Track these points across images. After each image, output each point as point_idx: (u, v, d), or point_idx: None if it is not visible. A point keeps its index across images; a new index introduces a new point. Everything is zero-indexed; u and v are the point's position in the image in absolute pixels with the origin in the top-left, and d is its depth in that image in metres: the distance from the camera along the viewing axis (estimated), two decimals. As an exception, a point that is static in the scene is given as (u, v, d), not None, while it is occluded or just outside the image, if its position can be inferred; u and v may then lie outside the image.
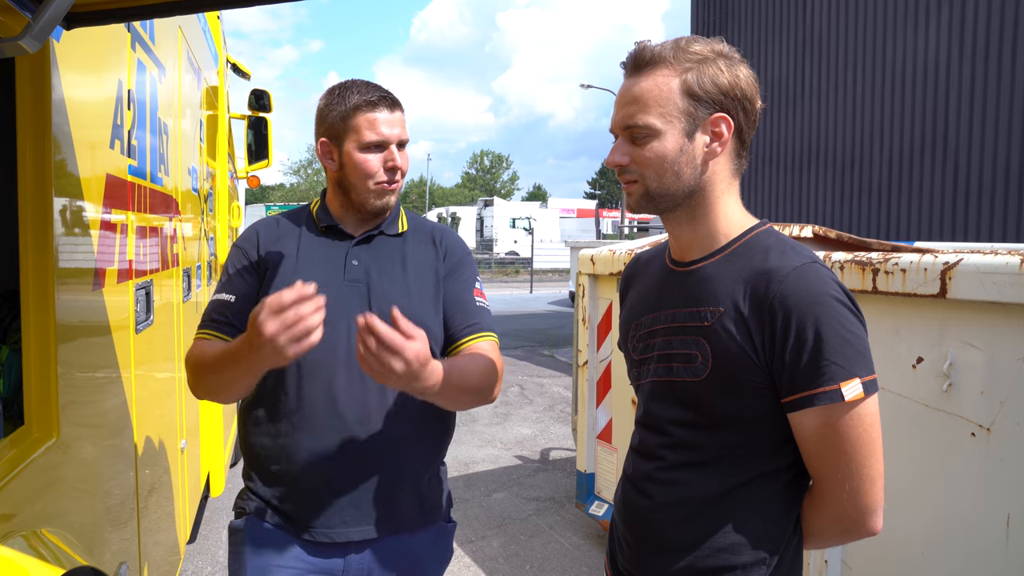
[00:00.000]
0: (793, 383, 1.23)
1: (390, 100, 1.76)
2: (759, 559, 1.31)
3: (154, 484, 2.54)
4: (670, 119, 1.29)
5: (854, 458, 1.23)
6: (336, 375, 1.69)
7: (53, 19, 1.27)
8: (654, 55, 1.30)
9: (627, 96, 1.32)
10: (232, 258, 1.80)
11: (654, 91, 1.29)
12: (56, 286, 1.58)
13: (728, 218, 1.36)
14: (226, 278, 1.78)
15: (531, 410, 8.13)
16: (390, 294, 1.74)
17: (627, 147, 1.33)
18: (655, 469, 1.39)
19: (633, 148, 1.32)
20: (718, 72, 1.28)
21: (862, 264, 2.64)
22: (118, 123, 2.08)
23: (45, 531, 1.47)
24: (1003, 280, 2.17)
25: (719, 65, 1.29)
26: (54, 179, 1.56)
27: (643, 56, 1.31)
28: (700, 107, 1.29)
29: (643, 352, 1.44)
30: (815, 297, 1.22)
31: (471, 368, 1.67)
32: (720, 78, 1.28)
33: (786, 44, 13.35)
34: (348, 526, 1.72)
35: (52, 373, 1.57)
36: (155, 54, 2.65)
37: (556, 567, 4.29)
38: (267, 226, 1.85)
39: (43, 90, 1.54)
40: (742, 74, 1.30)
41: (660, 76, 1.29)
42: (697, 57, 1.29)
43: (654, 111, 1.29)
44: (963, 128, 10.26)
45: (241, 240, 1.83)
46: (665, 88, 1.28)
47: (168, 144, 2.95)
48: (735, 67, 1.30)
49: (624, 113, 1.32)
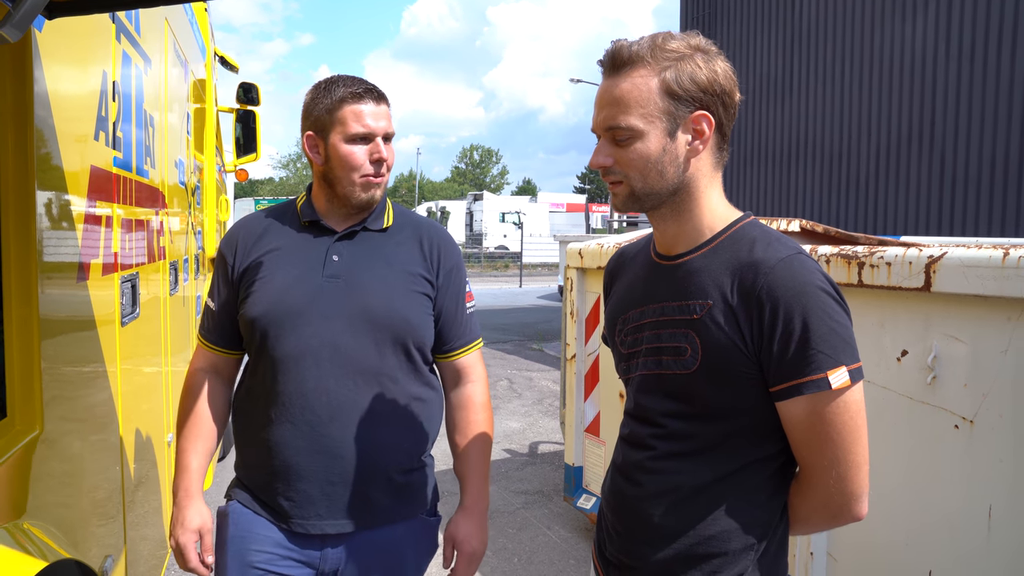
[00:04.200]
0: (781, 372, 1.25)
1: (376, 93, 1.78)
2: (747, 545, 1.33)
3: (140, 478, 2.53)
4: (651, 119, 1.29)
5: (841, 445, 1.26)
6: (311, 370, 1.72)
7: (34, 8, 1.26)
8: (632, 54, 1.30)
9: (607, 97, 1.32)
10: (216, 262, 1.89)
11: (634, 92, 1.29)
12: (39, 278, 1.57)
13: (712, 211, 1.37)
14: (213, 281, 1.89)
15: (520, 404, 8.15)
16: (370, 290, 1.76)
17: (610, 148, 1.34)
18: (646, 458, 1.41)
19: (616, 149, 1.33)
20: (696, 69, 1.29)
21: (848, 258, 2.65)
22: (103, 115, 2.07)
23: (28, 524, 1.47)
24: (986, 273, 2.19)
25: (696, 61, 1.29)
26: (37, 171, 1.55)
27: (621, 55, 1.31)
28: (680, 106, 1.29)
29: (631, 346, 1.44)
30: (801, 287, 1.24)
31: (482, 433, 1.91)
32: (699, 75, 1.29)
33: (774, 38, 13.38)
34: (323, 519, 1.75)
35: (35, 365, 1.56)
36: (141, 46, 2.63)
37: (544, 560, 4.31)
38: (248, 225, 1.88)
39: (25, 81, 1.52)
40: (719, 69, 1.31)
41: (639, 76, 1.29)
42: (675, 55, 1.29)
43: (635, 112, 1.29)
44: (950, 123, 10.32)
45: (223, 243, 1.88)
46: (645, 88, 1.29)
47: (154, 137, 2.93)
48: (712, 62, 1.31)
49: (605, 115, 1.32)
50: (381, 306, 1.75)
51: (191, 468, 1.83)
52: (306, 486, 1.74)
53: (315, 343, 1.72)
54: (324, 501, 1.74)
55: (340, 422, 1.73)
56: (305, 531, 1.75)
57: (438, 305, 1.86)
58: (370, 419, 1.75)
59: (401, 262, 1.82)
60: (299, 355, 1.72)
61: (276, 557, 1.75)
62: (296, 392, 1.72)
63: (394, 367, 1.78)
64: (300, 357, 1.72)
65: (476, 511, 1.88)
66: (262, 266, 1.79)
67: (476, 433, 1.91)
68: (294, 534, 1.76)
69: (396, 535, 1.82)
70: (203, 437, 1.86)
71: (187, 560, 1.78)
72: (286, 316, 1.73)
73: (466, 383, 1.94)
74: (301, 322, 1.73)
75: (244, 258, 1.81)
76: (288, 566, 1.75)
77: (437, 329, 1.87)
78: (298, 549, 1.76)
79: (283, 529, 1.76)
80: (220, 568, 1.79)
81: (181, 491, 1.82)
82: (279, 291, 1.75)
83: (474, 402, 1.93)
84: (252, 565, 1.74)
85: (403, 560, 1.84)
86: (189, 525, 1.79)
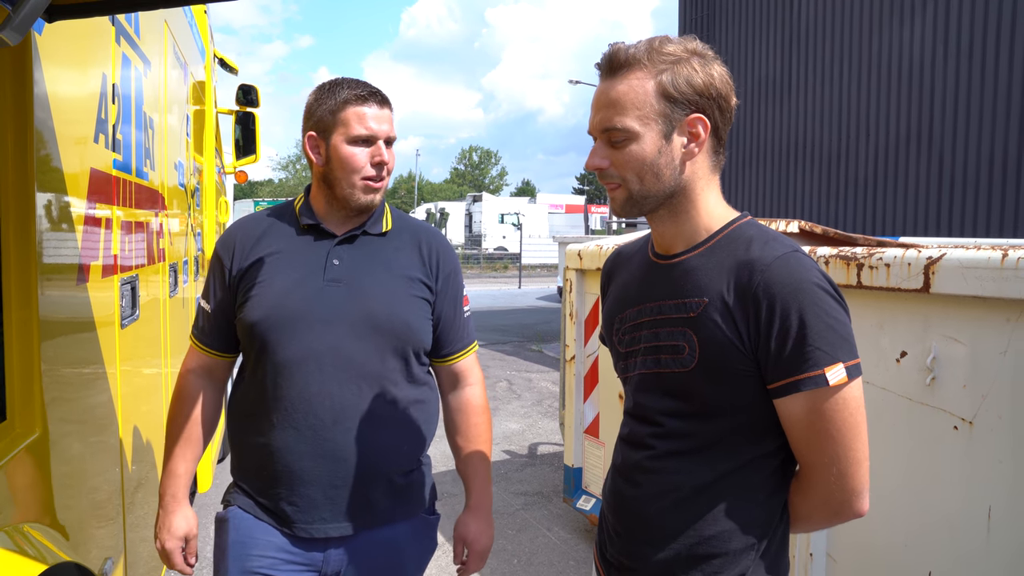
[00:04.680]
0: (778, 369, 1.25)
1: (380, 97, 1.79)
2: (748, 545, 1.34)
3: (140, 480, 2.53)
4: (647, 121, 1.30)
5: (840, 442, 1.26)
6: (313, 375, 1.72)
7: (34, 11, 1.26)
8: (628, 57, 1.31)
9: (604, 99, 1.33)
10: (212, 263, 1.87)
11: (630, 94, 1.30)
12: (39, 280, 1.57)
13: (710, 213, 1.38)
14: (208, 282, 1.87)
15: (519, 405, 8.15)
16: (371, 294, 1.76)
17: (606, 150, 1.35)
18: (645, 458, 1.41)
19: (612, 151, 1.34)
20: (692, 72, 1.30)
21: (847, 259, 2.65)
22: (102, 117, 2.07)
23: (27, 527, 1.47)
24: (985, 275, 2.19)
25: (693, 65, 1.30)
26: (36, 173, 1.55)
27: (617, 58, 1.32)
28: (676, 108, 1.30)
29: (629, 345, 1.45)
30: (798, 284, 1.24)
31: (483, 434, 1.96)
32: (695, 78, 1.30)
33: (773, 40, 13.39)
34: (326, 522, 1.75)
35: (35, 368, 1.56)
36: (140, 48, 2.63)
37: (544, 561, 4.31)
38: (246, 226, 1.87)
39: (25, 84, 1.53)
40: (716, 73, 1.32)
41: (635, 79, 1.30)
42: (671, 58, 1.30)
43: (631, 114, 1.30)
44: (948, 123, 10.33)
45: (220, 244, 1.86)
46: (641, 90, 1.30)
47: (154, 139, 2.93)
48: (709, 66, 1.31)
49: (602, 116, 1.33)
50: (383, 311, 1.76)
51: (179, 473, 1.84)
52: (310, 490, 1.73)
53: (318, 347, 1.72)
54: (327, 505, 1.74)
55: (343, 426, 1.73)
56: (309, 535, 1.75)
57: (437, 310, 1.87)
58: (372, 422, 1.75)
59: (401, 267, 1.83)
60: (301, 360, 1.72)
61: (278, 562, 1.75)
62: (299, 397, 1.72)
63: (394, 371, 1.78)
64: (303, 362, 1.72)
65: (482, 509, 1.93)
66: (261, 269, 1.78)
67: (477, 435, 1.95)
68: (297, 538, 1.76)
69: (397, 534, 1.83)
70: (192, 442, 1.86)
71: (173, 564, 1.84)
72: (287, 320, 1.72)
73: (465, 386, 1.95)
74: (303, 326, 1.72)
75: (242, 260, 1.81)
76: (291, 570, 1.75)
77: (436, 333, 1.88)
78: (301, 553, 1.76)
79: (285, 534, 1.76)
80: (221, 575, 1.79)
81: (168, 496, 1.83)
82: (280, 295, 1.74)
83: (474, 405, 1.95)
84: (253, 571, 1.74)
85: (404, 558, 1.84)
86: (176, 532, 1.82)
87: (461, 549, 1.92)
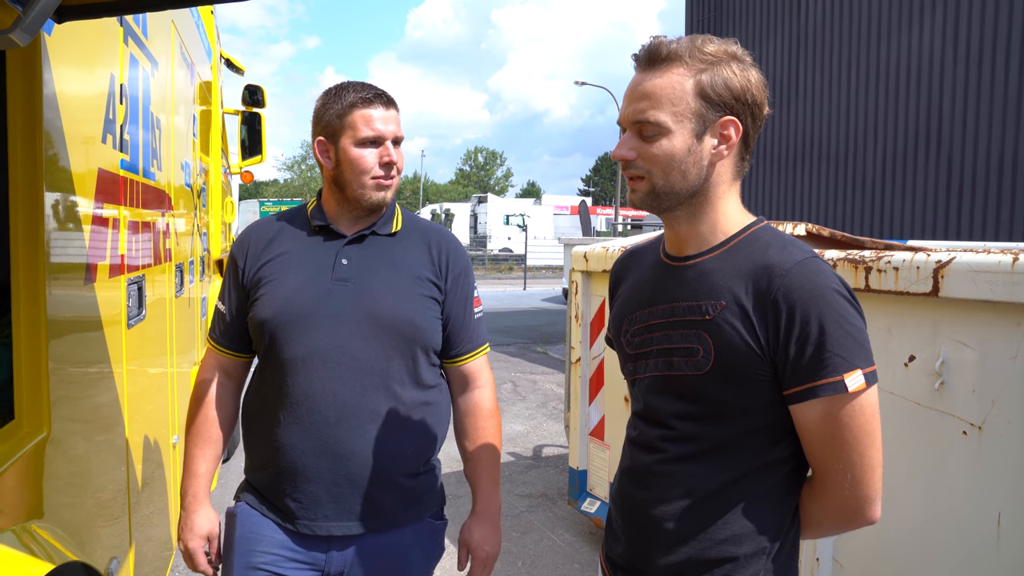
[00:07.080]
0: (797, 375, 1.25)
1: (386, 98, 1.81)
2: (759, 549, 1.33)
3: (146, 479, 2.54)
4: (681, 119, 1.29)
5: (856, 448, 1.25)
6: (318, 372, 1.74)
7: (44, 12, 1.27)
8: (670, 52, 1.30)
9: (639, 91, 1.32)
10: (227, 265, 1.90)
11: (667, 89, 1.29)
12: (47, 280, 1.57)
13: (728, 217, 1.37)
14: (224, 285, 1.90)
15: (524, 407, 8.14)
16: (377, 293, 1.76)
17: (635, 142, 1.33)
18: (655, 462, 1.40)
19: (641, 144, 1.32)
20: (731, 75, 1.29)
21: (855, 262, 2.64)
22: (110, 117, 2.07)
23: (35, 526, 1.47)
24: (995, 279, 2.17)
25: (732, 68, 1.29)
26: (45, 173, 1.55)
27: (659, 52, 1.31)
28: (711, 109, 1.29)
29: (639, 347, 1.44)
30: (818, 291, 1.24)
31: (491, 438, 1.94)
32: (733, 81, 1.29)
33: (780, 42, 13.38)
34: (329, 520, 1.76)
35: (43, 367, 1.56)
36: (148, 49, 2.64)
37: (548, 563, 4.30)
38: (260, 229, 1.90)
39: (34, 84, 1.53)
40: (753, 78, 1.31)
41: (675, 75, 1.29)
42: (712, 58, 1.29)
43: (666, 109, 1.29)
44: (957, 126, 10.30)
45: (235, 247, 1.90)
46: (679, 87, 1.29)
47: (161, 139, 2.94)
48: (747, 71, 1.31)
49: (635, 108, 1.32)
50: (388, 310, 1.76)
51: (200, 473, 1.85)
52: (312, 487, 1.75)
53: (323, 345, 1.73)
54: (330, 502, 1.75)
55: (346, 424, 1.74)
56: (311, 532, 1.76)
57: (446, 310, 1.87)
58: (377, 422, 1.75)
59: (409, 266, 1.83)
60: (307, 357, 1.73)
61: (281, 559, 1.76)
62: (303, 394, 1.74)
63: (401, 371, 1.78)
64: (308, 359, 1.73)
65: (488, 515, 1.91)
66: (272, 270, 1.81)
67: (486, 439, 1.93)
68: (300, 536, 1.77)
69: (402, 538, 1.83)
70: (212, 442, 1.87)
71: (196, 564, 1.83)
72: (295, 319, 1.74)
73: (474, 388, 1.95)
74: (310, 325, 1.74)
75: (255, 262, 1.83)
76: (293, 568, 1.76)
77: (445, 334, 1.88)
78: (304, 551, 1.77)
79: (289, 531, 1.77)
80: (226, 568, 1.81)
81: (190, 496, 1.84)
82: (289, 294, 1.76)
83: (483, 408, 1.94)
84: (256, 566, 1.76)
85: (409, 563, 1.84)
86: (198, 531, 1.82)
87: (465, 555, 1.91)
